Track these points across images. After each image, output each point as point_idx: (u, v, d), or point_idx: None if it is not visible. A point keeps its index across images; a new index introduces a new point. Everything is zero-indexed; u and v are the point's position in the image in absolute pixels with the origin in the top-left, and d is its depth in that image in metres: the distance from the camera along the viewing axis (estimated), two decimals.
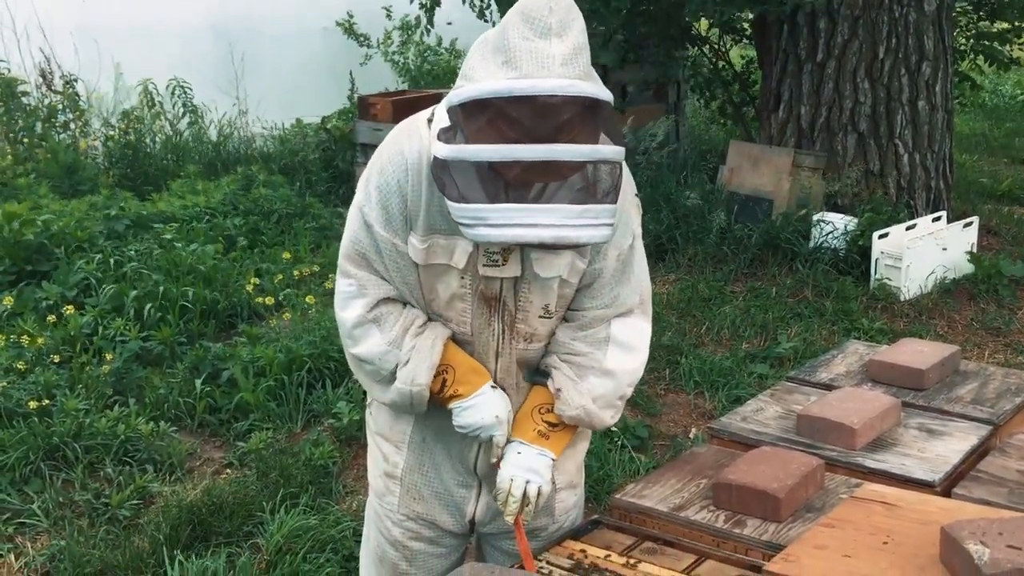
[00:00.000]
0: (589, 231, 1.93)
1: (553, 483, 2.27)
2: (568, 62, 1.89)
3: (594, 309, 2.23)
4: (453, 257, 2.13)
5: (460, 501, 2.36)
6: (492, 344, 2.21)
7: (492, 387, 2.21)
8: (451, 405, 2.20)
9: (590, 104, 1.90)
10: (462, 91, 1.93)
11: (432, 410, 2.24)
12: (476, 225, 1.93)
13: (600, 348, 2.23)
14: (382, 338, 2.18)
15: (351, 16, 9.48)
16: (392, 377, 2.19)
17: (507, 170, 1.90)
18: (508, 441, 2.22)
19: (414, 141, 2.10)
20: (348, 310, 2.21)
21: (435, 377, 2.17)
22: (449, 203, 1.96)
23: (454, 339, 2.21)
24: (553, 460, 2.23)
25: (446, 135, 1.95)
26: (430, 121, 2.10)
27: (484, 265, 2.13)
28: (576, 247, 2.00)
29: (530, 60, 1.87)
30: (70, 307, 5.15)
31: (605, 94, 1.92)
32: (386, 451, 2.38)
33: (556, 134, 1.87)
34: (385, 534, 2.42)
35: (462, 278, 2.15)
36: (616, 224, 2.05)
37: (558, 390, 2.21)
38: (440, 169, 1.96)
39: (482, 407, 2.19)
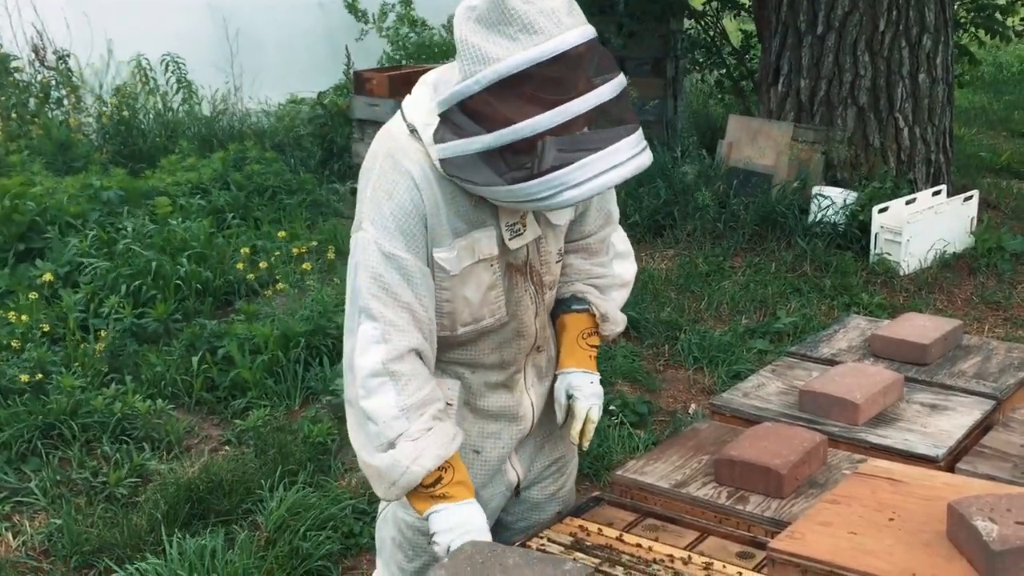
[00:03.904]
0: (645, 154, 2.00)
1: None
2: (570, 11, 1.93)
3: (597, 231, 2.34)
4: (479, 250, 2.10)
5: (503, 478, 2.32)
6: (531, 307, 2.22)
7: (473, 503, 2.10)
8: (435, 506, 2.04)
9: (596, 39, 1.96)
10: (485, 74, 1.88)
11: (467, 422, 2.22)
12: (559, 191, 1.92)
13: (612, 266, 2.39)
14: (396, 399, 2.01)
15: None
16: (390, 445, 2.02)
17: (568, 129, 1.91)
18: (568, 372, 2.31)
19: (411, 156, 2.04)
20: (366, 356, 2.02)
21: (435, 470, 2.03)
22: (514, 187, 1.93)
23: (486, 333, 2.19)
24: None
25: (460, 129, 1.93)
26: (412, 131, 2.05)
27: (510, 239, 2.14)
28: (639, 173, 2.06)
29: (543, 20, 1.88)
30: (64, 287, 5.11)
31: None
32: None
33: (592, 80, 1.92)
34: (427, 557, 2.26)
35: (492, 265, 2.13)
36: None
37: (604, 314, 2.33)
38: (467, 163, 1.93)
39: (471, 515, 2.05)
